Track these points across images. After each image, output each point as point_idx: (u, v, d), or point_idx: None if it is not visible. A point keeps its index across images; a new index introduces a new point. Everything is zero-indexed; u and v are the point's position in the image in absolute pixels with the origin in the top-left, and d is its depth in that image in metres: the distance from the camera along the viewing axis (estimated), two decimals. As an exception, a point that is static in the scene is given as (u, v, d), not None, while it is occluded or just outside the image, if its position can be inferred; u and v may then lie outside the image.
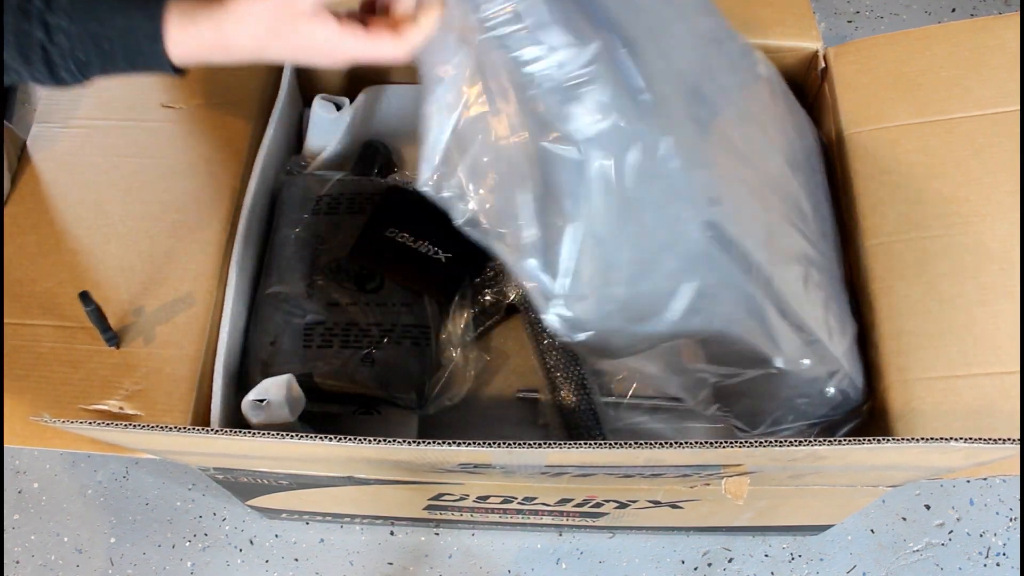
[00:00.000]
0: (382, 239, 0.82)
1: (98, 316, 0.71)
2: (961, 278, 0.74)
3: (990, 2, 1.49)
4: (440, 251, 0.82)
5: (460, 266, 0.83)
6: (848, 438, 0.56)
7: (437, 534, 1.08)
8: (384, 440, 0.56)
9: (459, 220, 0.63)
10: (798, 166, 0.74)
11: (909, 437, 0.55)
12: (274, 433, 0.56)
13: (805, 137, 0.80)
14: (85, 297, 0.70)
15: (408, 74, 0.98)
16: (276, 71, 0.92)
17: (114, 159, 0.83)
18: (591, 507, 0.87)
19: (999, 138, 0.79)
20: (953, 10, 1.48)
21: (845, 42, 0.88)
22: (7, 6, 0.48)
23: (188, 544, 1.08)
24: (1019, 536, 1.06)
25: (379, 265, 0.82)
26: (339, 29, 0.51)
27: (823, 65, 0.89)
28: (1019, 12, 0.85)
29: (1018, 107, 0.80)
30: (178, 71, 0.53)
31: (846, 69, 0.87)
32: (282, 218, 0.86)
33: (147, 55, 0.51)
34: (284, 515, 1.05)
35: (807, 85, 0.94)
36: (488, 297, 0.86)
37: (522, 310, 0.86)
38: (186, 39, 0.51)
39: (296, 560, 1.07)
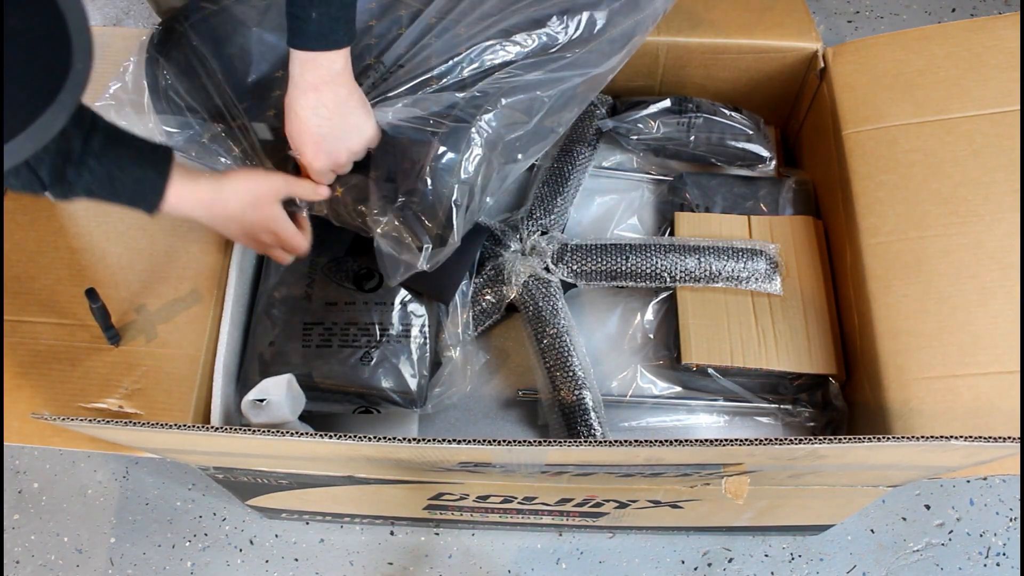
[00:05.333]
0: (353, 227, 0.82)
1: (102, 313, 0.71)
2: (960, 278, 0.74)
3: (990, 2, 1.50)
4: (440, 250, 0.82)
5: (460, 266, 0.83)
6: (848, 436, 0.56)
7: (437, 534, 1.08)
8: (384, 438, 0.56)
9: None
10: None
11: (909, 436, 0.55)
12: (274, 431, 0.56)
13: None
14: (91, 294, 0.70)
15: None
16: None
17: (114, 158, 0.83)
18: (591, 507, 0.87)
19: (998, 138, 0.79)
20: (953, 10, 1.49)
21: (844, 42, 0.88)
22: (49, 149, 0.58)
23: (188, 544, 1.08)
24: (1019, 536, 1.06)
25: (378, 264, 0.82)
26: (286, 217, 0.72)
27: (822, 65, 0.89)
28: (1019, 12, 0.85)
29: (1017, 107, 0.80)
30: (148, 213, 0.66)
31: (845, 69, 0.87)
32: (282, 218, 0.86)
33: (147, 200, 0.64)
34: (284, 515, 1.05)
35: (806, 85, 0.94)
36: (488, 297, 0.86)
37: (522, 309, 0.86)
38: (184, 194, 0.65)
39: (296, 560, 1.07)
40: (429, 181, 0.71)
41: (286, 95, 0.67)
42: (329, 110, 0.67)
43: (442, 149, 0.71)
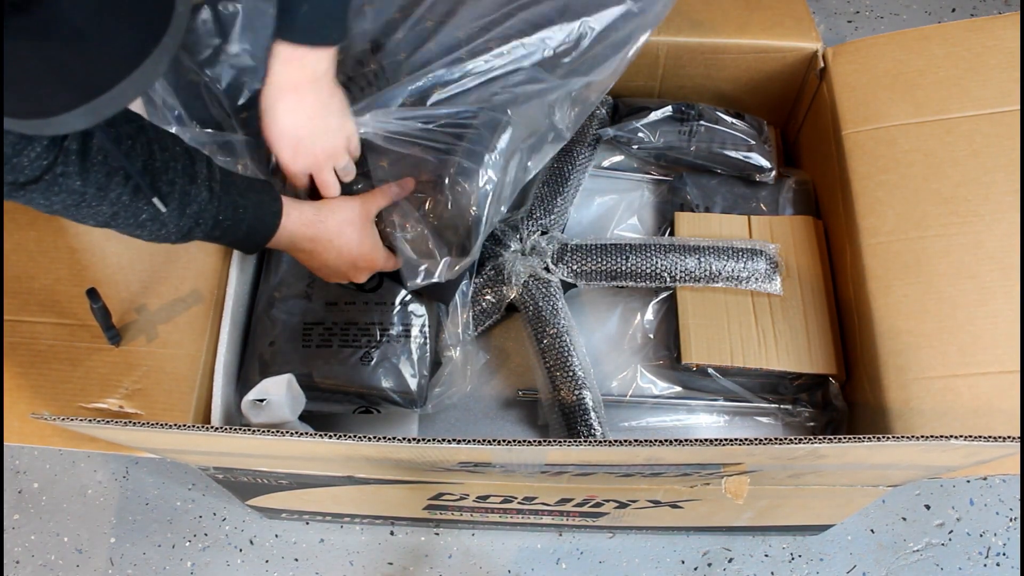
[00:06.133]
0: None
1: (103, 313, 0.71)
2: (959, 278, 0.74)
3: (990, 2, 1.50)
4: (440, 250, 0.82)
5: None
6: (848, 436, 0.56)
7: (437, 534, 1.08)
8: (384, 438, 0.56)
9: None
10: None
11: (909, 436, 0.55)
12: (274, 431, 0.56)
13: None
14: (92, 294, 0.70)
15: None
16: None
17: (114, 158, 0.83)
18: (591, 507, 0.87)
19: (998, 138, 0.79)
20: (953, 10, 1.49)
21: (844, 42, 0.88)
22: (180, 171, 0.59)
23: (188, 544, 1.08)
24: (1019, 536, 1.06)
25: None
26: (378, 241, 0.74)
27: (822, 65, 0.89)
28: (1019, 12, 0.85)
29: (1017, 107, 0.80)
30: (256, 249, 0.68)
31: (845, 69, 0.87)
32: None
33: (267, 223, 0.66)
34: (284, 515, 1.05)
35: (806, 85, 0.94)
36: (488, 297, 0.86)
37: (522, 309, 0.86)
38: (293, 214, 0.67)
39: (296, 560, 1.07)
40: (450, 195, 0.71)
41: (262, 93, 0.65)
42: (308, 113, 0.64)
43: (463, 164, 0.71)
